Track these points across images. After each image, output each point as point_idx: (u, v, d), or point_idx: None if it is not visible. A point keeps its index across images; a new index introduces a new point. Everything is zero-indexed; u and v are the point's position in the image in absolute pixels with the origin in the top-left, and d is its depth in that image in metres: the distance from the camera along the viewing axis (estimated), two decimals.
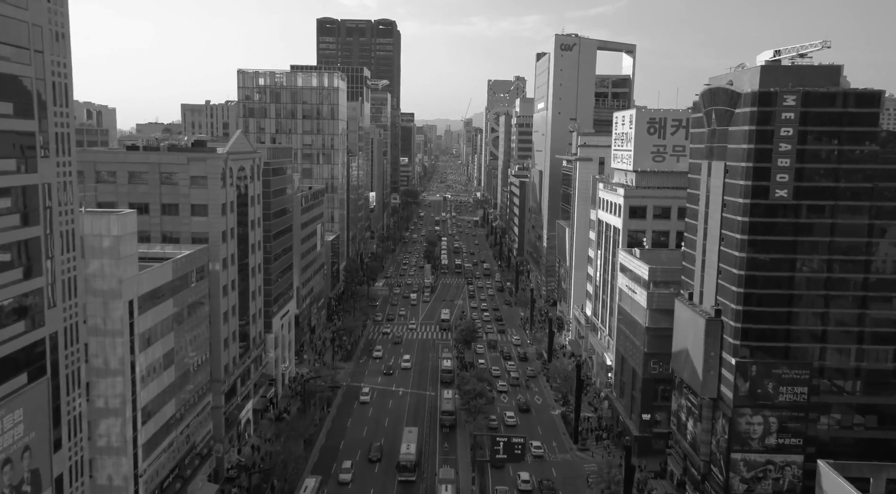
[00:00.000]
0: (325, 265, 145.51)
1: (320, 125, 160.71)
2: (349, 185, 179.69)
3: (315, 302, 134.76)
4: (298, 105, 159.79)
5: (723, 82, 66.38)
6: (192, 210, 75.69)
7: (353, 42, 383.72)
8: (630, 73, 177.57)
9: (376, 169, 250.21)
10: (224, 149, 79.08)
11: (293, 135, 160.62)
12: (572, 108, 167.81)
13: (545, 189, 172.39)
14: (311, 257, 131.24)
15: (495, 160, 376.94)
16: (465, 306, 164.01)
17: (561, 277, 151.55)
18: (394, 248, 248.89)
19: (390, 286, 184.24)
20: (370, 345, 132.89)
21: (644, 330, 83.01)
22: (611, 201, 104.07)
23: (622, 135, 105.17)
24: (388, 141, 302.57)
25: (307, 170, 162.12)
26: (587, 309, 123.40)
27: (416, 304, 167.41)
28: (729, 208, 63.45)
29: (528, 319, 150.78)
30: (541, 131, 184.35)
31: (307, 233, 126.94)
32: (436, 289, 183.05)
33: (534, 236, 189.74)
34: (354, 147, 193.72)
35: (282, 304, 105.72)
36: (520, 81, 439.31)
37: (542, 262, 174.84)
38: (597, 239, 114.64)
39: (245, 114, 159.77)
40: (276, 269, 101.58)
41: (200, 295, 71.55)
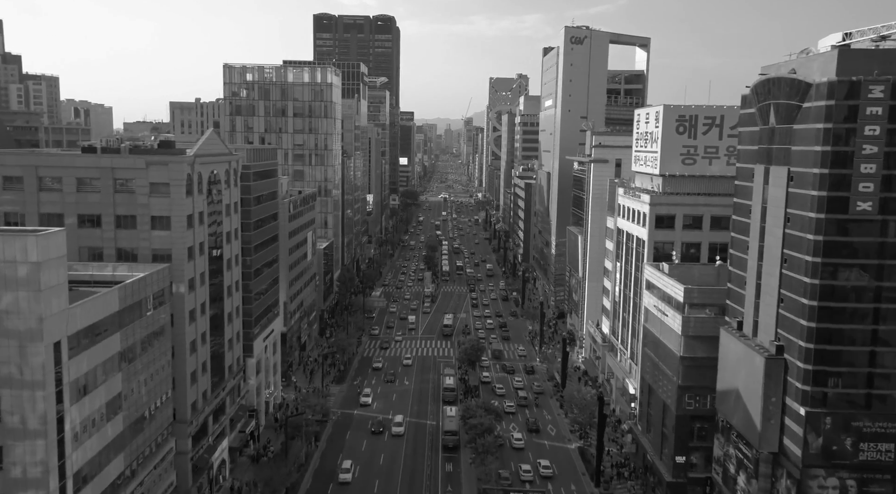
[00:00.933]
0: (317, 275, 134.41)
1: (313, 124, 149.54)
2: (344, 188, 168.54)
3: (305, 316, 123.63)
4: (289, 102, 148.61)
5: (783, 71, 55.17)
6: (153, 222, 64.50)
7: (350, 38, 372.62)
8: (644, 69, 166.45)
9: (374, 169, 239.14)
10: (192, 151, 67.90)
11: (283, 134, 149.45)
12: (583, 106, 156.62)
13: (554, 192, 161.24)
14: (301, 268, 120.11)
15: (497, 160, 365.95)
16: (468, 319, 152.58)
17: (572, 288, 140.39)
18: (392, 253, 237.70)
19: (388, 295, 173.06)
20: (366, 364, 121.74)
21: (678, 360, 71.86)
22: (633, 208, 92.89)
23: (645, 135, 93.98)
24: (386, 140, 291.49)
25: (298, 171, 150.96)
26: (603, 325, 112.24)
27: (416, 313, 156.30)
28: (795, 223, 52.26)
29: (537, 333, 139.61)
30: (548, 130, 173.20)
31: (296, 242, 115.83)
32: (436, 299, 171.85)
33: (541, 242, 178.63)
34: (350, 147, 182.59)
35: (265, 324, 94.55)
36: (522, 79, 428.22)
37: (549, 270, 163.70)
38: (615, 249, 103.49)
39: (232, 111, 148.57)
40: (258, 285, 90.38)
41: (160, 324, 60.37)
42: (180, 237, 64.55)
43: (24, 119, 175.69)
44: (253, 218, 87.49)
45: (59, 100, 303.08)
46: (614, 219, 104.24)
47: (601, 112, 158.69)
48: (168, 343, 62.47)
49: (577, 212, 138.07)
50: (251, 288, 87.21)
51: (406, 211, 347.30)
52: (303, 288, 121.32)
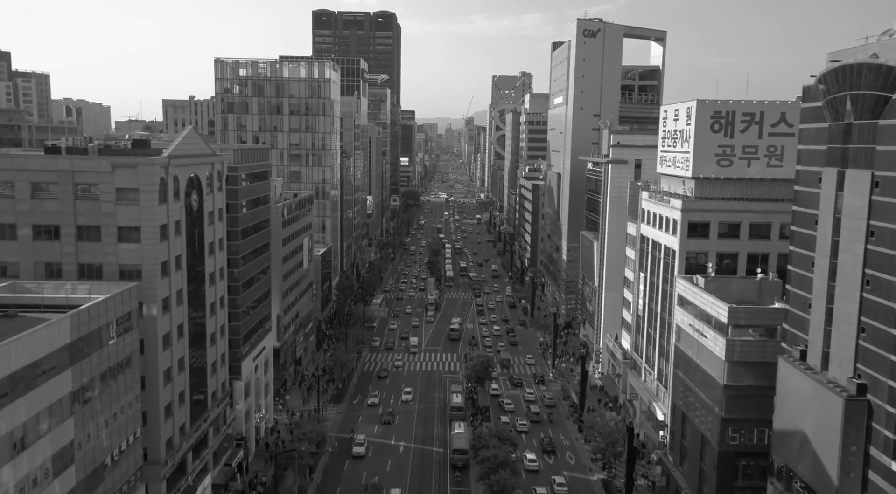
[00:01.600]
0: (314, 284, 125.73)
1: (310, 122, 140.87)
2: (343, 190, 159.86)
3: (301, 328, 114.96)
4: (284, 99, 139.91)
5: (860, 56, 46.45)
6: (120, 234, 55.86)
7: (350, 35, 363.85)
8: (660, 64, 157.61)
9: (374, 170, 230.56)
10: (166, 152, 59.22)
11: (279, 133, 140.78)
12: (596, 103, 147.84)
13: (564, 194, 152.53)
14: (297, 277, 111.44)
15: (501, 160, 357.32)
16: (475, 329, 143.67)
17: (585, 297, 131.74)
18: (393, 257, 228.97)
19: (389, 302, 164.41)
20: (367, 379, 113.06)
21: (721, 389, 63.24)
22: (661, 215, 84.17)
23: (674, 134, 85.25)
24: (387, 139, 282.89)
25: (295, 173, 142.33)
26: (624, 340, 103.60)
27: (419, 329, 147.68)
28: (882, 239, 43.58)
29: (548, 346, 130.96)
30: (558, 129, 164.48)
31: (291, 249, 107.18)
32: (440, 307, 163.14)
33: (550, 246, 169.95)
34: (350, 146, 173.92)
35: (255, 341, 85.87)
36: (526, 77, 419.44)
37: (560, 277, 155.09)
38: (639, 258, 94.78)
39: (224, 109, 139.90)
40: (247, 300, 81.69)
41: (125, 354, 51.74)
42: (152, 250, 55.89)
43: (6, 117, 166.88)
44: (241, 225, 78.84)
45: (50, 99, 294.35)
46: (637, 226, 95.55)
47: (615, 110, 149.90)
48: (136, 375, 53.83)
49: (592, 216, 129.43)
50: (239, 304, 78.53)
51: (407, 212, 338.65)
52: (298, 299, 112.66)
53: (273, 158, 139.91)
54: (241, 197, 78.82)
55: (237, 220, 77.44)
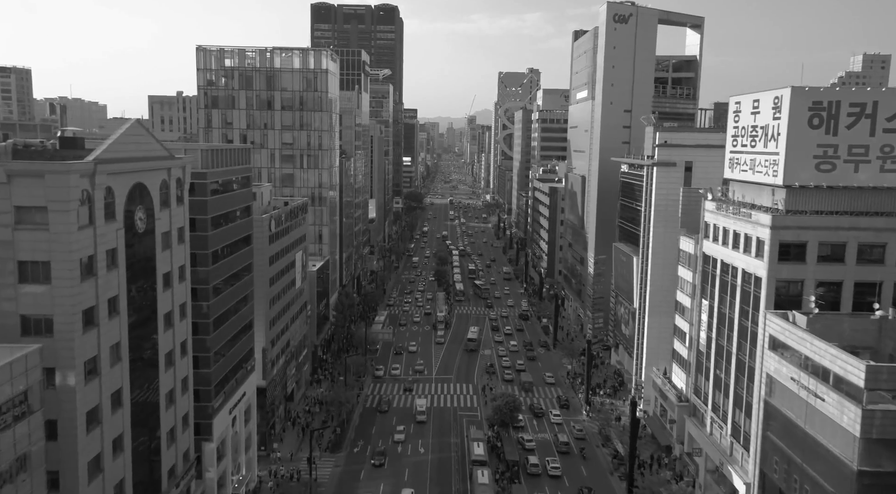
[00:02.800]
0: (309, 304, 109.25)
1: (305, 118, 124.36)
2: (343, 194, 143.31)
3: (293, 358, 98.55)
4: (276, 92, 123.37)
5: None
6: (21, 272, 39.36)
7: (350, 30, 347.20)
8: (696, 53, 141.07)
9: (377, 172, 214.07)
10: (94, 154, 42.62)
11: (269, 131, 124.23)
12: (626, 98, 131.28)
13: (591, 200, 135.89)
14: (288, 299, 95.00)
15: (508, 160, 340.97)
16: (492, 355, 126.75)
17: (619, 318, 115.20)
18: (397, 265, 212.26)
19: (394, 319, 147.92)
20: (370, 417, 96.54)
21: (852, 474, 46.71)
22: (737, 231, 67.60)
23: (752, 130, 68.63)
24: (389, 139, 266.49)
25: (288, 176, 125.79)
26: (676, 377, 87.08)
27: (428, 344, 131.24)
28: None
29: (576, 374, 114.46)
30: (582, 127, 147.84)
31: (280, 268, 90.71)
32: (451, 325, 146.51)
33: (572, 257, 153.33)
34: (350, 146, 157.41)
35: (233, 388, 69.38)
36: (533, 74, 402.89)
37: (585, 291, 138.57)
38: (699, 281, 78.20)
39: (207, 104, 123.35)
40: (221, 340, 65.17)
41: (21, 450, 35.24)
42: (69, 294, 39.40)
43: None
44: (212, 246, 62.31)
45: (32, 96, 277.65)
46: (697, 242, 79.03)
47: (647, 104, 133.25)
48: (41, 474, 37.31)
49: (628, 226, 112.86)
50: (209, 346, 62.03)
51: (410, 214, 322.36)
52: (290, 325, 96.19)
53: (263, 159, 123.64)
54: (212, 210, 62.27)
55: (206, 241, 60.91)
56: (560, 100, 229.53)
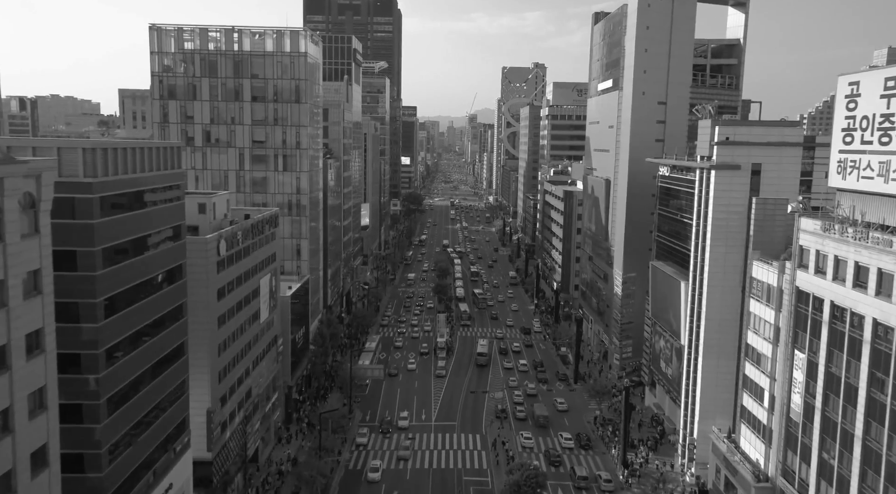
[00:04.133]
0: (281, 338, 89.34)
1: (280, 111, 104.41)
2: (328, 200, 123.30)
3: (257, 409, 78.70)
4: (245, 80, 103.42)
5: None
6: None
7: (345, 21, 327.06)
8: (740, 36, 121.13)
9: (371, 173, 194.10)
10: None
11: (238, 126, 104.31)
12: (661, 87, 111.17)
13: (619, 208, 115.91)
14: (248, 338, 75.09)
15: (513, 160, 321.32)
16: (504, 395, 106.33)
17: (658, 352, 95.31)
18: (393, 276, 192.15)
19: (387, 343, 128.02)
20: (354, 480, 76.51)
21: None
22: (865, 264, 47.68)
23: (889, 121, 48.74)
24: (386, 137, 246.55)
25: (260, 180, 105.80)
26: (747, 444, 67.17)
27: (426, 376, 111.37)
28: None
29: (606, 420, 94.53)
30: (605, 122, 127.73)
31: (237, 301, 70.83)
32: (453, 351, 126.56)
33: (593, 272, 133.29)
34: (338, 144, 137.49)
35: (148, 487, 49.31)
36: (539, 69, 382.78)
37: (609, 314, 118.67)
38: (790, 324, 58.31)
39: (163, 94, 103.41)
40: (122, 426, 45.15)
41: None
42: None
43: None
44: (103, 291, 42.32)
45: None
46: (781, 271, 59.21)
47: (684, 96, 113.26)
48: None
49: (669, 241, 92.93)
50: (100, 439, 42.07)
51: (409, 218, 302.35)
52: (250, 370, 76.32)
53: (230, 160, 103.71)
54: (105, 238, 42.27)
55: (92, 284, 40.94)
56: (572, 95, 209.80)
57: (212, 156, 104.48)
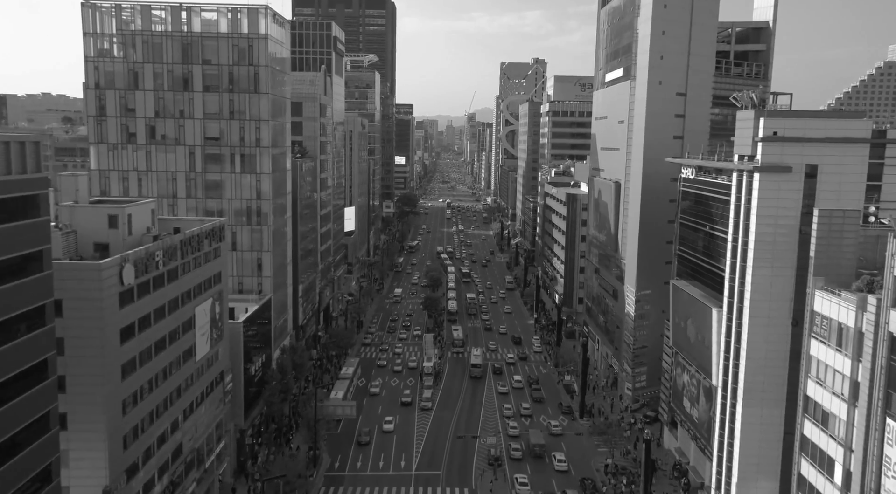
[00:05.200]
0: (230, 374, 74.30)
1: (237, 103, 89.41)
2: (297, 206, 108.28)
3: (193, 467, 63.68)
4: (196, 66, 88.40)
5: None
6: None
7: (336, 14, 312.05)
8: (769, 18, 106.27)
9: (357, 174, 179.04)
10: None
11: (187, 120, 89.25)
12: (680, 76, 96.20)
13: (631, 215, 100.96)
14: (179, 381, 60.21)
15: (512, 159, 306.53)
16: (499, 446, 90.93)
17: (681, 389, 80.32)
18: (381, 285, 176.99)
19: (367, 366, 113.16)
20: None
21: None
22: None
23: None
24: (376, 135, 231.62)
25: (213, 183, 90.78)
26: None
27: (409, 412, 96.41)
28: None
29: (621, 471, 79.51)
30: (613, 116, 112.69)
31: (154, 340, 55.81)
32: (442, 377, 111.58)
33: (599, 286, 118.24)
34: (313, 141, 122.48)
35: None
36: (539, 64, 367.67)
37: (619, 335, 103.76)
38: (875, 379, 43.39)
39: (98, 82, 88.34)
40: None
41: None
42: None
43: None
44: None
45: None
46: (868, 310, 44.28)
47: (706, 85, 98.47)
48: None
49: (695, 257, 78.02)
50: None
51: (403, 220, 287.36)
52: (181, 421, 61.31)
53: (178, 161, 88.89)
54: None
55: None
56: (575, 90, 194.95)
57: (157, 156, 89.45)
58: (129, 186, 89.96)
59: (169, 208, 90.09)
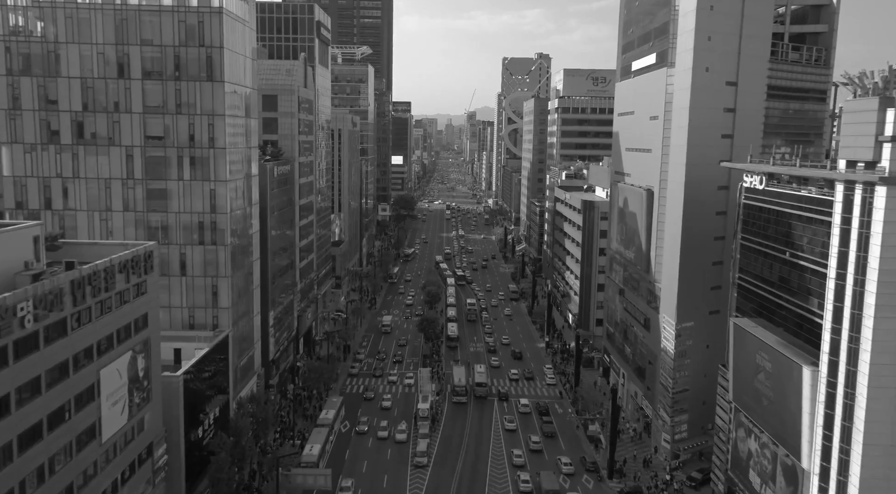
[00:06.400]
0: (165, 443, 56.90)
1: (185, 94, 71.94)
2: (267, 219, 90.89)
3: None
4: (133, 48, 70.97)
5: None
6: None
7: (329, 6, 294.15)
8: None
9: (347, 177, 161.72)
10: None
11: (124, 115, 71.78)
12: (730, 61, 78.89)
13: (670, 229, 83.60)
14: (71, 476, 42.68)
15: (515, 159, 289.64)
16: None
17: (743, 456, 62.92)
18: (373, 301, 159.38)
19: (352, 403, 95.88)
20: None
21: None
22: None
23: None
24: (370, 133, 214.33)
25: (157, 193, 73.28)
26: None
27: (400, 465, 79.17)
28: None
29: None
30: (643, 111, 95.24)
31: (32, 422, 38.29)
32: (440, 421, 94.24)
33: (623, 309, 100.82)
34: (290, 141, 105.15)
35: None
36: (543, 59, 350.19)
37: (650, 372, 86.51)
38: None
39: (10, 68, 70.83)
40: None
41: None
42: None
43: None
44: None
45: None
46: None
47: (761, 73, 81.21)
48: None
49: (760, 288, 60.66)
50: None
51: (400, 224, 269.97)
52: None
53: (113, 166, 71.85)
54: None
55: None
56: (586, 84, 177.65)
57: (87, 159, 72.02)
58: (52, 196, 72.59)
59: (102, 224, 72.74)
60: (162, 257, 72.44)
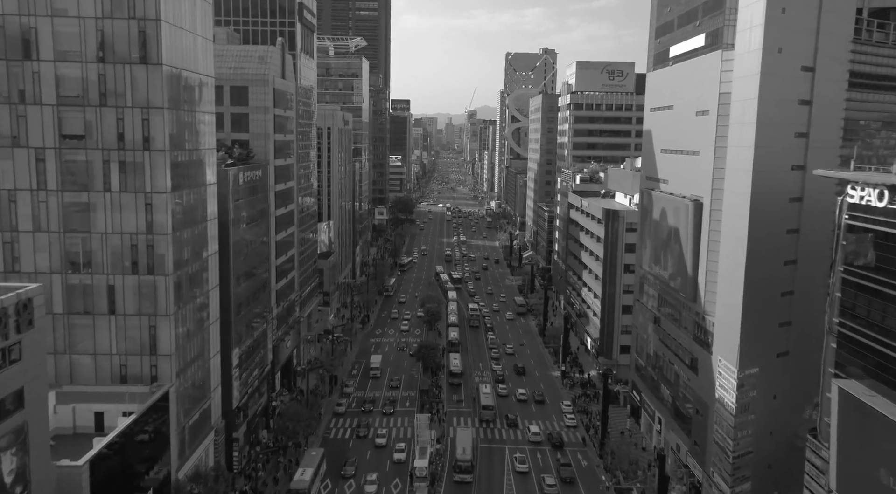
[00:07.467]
0: None
1: (111, 80, 55.56)
2: (229, 237, 74.47)
3: None
4: (41, 20, 54.63)
5: None
6: None
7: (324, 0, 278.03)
8: None
9: (338, 180, 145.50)
10: None
11: (31, 107, 55.40)
12: (808, 40, 62.70)
13: (728, 252, 67.28)
14: None
15: (520, 160, 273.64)
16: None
17: None
18: (366, 319, 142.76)
19: (337, 456, 79.51)
20: None
21: None
22: None
23: None
24: (364, 132, 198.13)
25: (77, 208, 56.85)
26: None
27: None
28: None
29: None
30: (686, 106, 78.80)
31: None
32: (441, 479, 77.78)
33: (659, 341, 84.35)
34: (264, 140, 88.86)
35: None
36: (548, 55, 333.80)
37: (700, 426, 70.32)
38: None
39: None
40: None
41: None
42: None
43: None
44: None
45: None
46: None
47: (843, 57, 65.00)
48: None
49: (872, 338, 44.28)
50: None
51: (397, 229, 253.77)
52: None
53: (18, 173, 55.53)
54: None
55: None
56: (602, 78, 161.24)
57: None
58: None
59: (5, 248, 56.40)
60: (84, 289, 56.39)
